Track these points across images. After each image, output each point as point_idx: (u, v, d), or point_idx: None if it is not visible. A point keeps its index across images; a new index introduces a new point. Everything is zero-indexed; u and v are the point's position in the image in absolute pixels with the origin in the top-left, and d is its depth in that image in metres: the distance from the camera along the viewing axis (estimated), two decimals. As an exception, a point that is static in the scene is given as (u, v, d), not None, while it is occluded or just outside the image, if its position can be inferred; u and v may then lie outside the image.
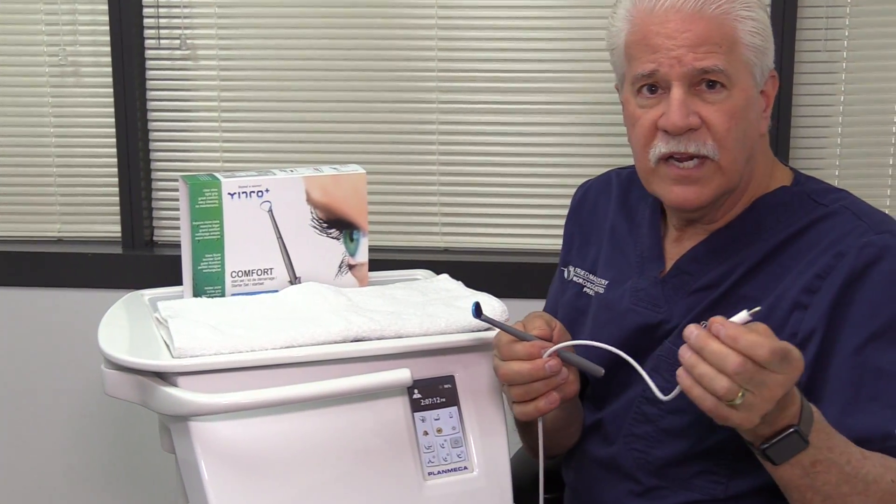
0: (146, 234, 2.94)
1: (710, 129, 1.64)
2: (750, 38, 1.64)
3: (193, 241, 1.79)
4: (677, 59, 1.62)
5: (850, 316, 1.58)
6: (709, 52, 1.62)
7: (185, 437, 1.58)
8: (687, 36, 1.62)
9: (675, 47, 1.62)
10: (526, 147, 2.83)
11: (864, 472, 1.49)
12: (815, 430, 1.46)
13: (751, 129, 1.67)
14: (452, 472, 1.68)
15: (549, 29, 2.79)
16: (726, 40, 1.62)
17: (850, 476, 1.48)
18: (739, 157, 1.66)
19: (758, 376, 1.36)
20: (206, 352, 1.58)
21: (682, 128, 1.63)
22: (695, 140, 1.64)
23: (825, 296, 1.59)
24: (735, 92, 1.64)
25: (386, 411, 1.65)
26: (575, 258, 1.93)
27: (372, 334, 1.66)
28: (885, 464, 1.51)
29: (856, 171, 2.77)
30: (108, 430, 2.96)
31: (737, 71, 1.63)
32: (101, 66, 2.89)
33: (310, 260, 1.86)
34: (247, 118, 2.89)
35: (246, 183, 1.81)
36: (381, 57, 2.84)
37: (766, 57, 1.67)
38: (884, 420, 1.54)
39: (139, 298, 1.87)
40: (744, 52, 1.64)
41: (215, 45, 2.87)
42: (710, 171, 1.66)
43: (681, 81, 1.63)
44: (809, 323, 1.59)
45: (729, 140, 1.64)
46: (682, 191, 1.68)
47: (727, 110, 1.63)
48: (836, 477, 1.48)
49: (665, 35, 1.63)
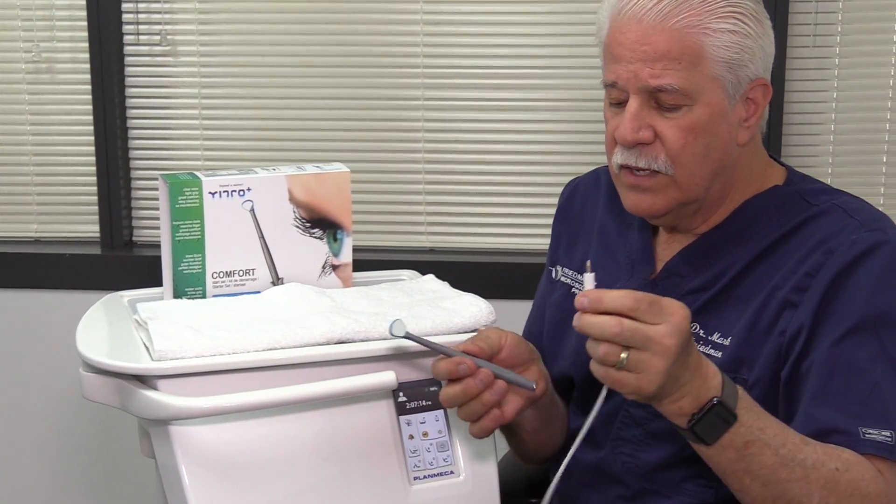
0: (125, 235, 2.94)
1: (664, 143, 1.63)
2: (721, 52, 1.60)
3: (174, 241, 1.79)
4: (633, 74, 1.61)
5: (833, 310, 1.58)
6: (665, 69, 1.60)
7: (166, 442, 1.58)
8: (645, 50, 1.60)
9: (633, 60, 1.61)
10: (513, 144, 2.84)
11: (801, 457, 1.49)
12: (744, 408, 1.47)
13: (717, 143, 1.65)
14: (438, 476, 1.68)
15: (536, 24, 2.79)
16: (687, 55, 1.60)
17: (787, 460, 1.48)
18: (699, 172, 1.65)
19: (637, 333, 1.38)
20: (187, 354, 1.57)
21: (631, 142, 1.63)
22: (645, 155, 1.64)
23: (814, 293, 1.59)
24: (697, 108, 1.62)
25: (371, 415, 1.65)
26: (563, 258, 1.92)
27: (356, 336, 1.66)
28: (828, 451, 1.51)
29: (849, 169, 2.78)
30: (86, 435, 2.96)
31: (699, 86, 1.61)
32: (79, 63, 2.89)
33: (293, 260, 1.86)
34: (228, 115, 2.89)
35: (227, 182, 1.81)
36: (366, 53, 2.84)
37: (743, 69, 1.63)
38: (846, 415, 1.54)
39: (118, 300, 1.86)
40: (711, 67, 1.61)
41: (196, 41, 2.87)
42: (662, 184, 1.66)
43: (637, 95, 1.62)
44: (798, 321, 1.60)
45: (684, 156, 1.63)
46: (636, 198, 1.69)
47: (685, 126, 1.62)
48: (771, 460, 1.48)
49: (626, 46, 1.62)
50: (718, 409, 1.45)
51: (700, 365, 1.45)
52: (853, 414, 1.54)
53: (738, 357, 1.63)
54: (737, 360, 1.63)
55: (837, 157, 2.78)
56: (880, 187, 2.78)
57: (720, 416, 1.46)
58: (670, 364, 1.40)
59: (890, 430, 1.53)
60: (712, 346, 1.65)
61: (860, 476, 1.50)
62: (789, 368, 1.60)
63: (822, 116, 2.77)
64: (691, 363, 1.44)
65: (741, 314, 1.65)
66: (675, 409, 1.46)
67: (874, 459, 1.53)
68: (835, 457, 1.51)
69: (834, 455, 1.51)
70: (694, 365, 1.44)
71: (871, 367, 1.56)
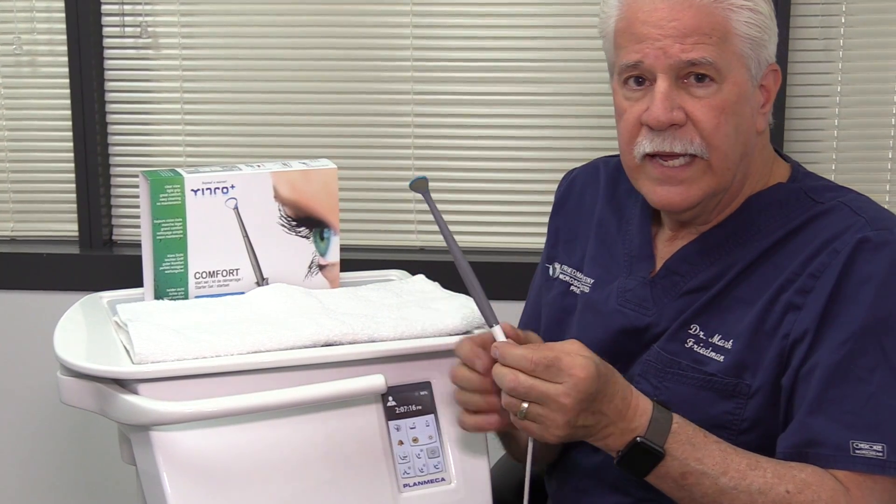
0: (105, 234, 2.94)
1: (697, 125, 1.63)
2: (745, 28, 1.63)
3: (155, 240, 1.79)
4: (663, 50, 1.62)
5: (837, 313, 1.59)
6: (697, 43, 1.61)
7: (147, 448, 1.58)
8: (674, 25, 1.62)
9: (662, 37, 1.62)
10: (507, 140, 2.84)
11: (746, 483, 1.54)
12: (677, 442, 1.55)
13: (744, 126, 1.66)
14: (429, 483, 1.68)
15: (529, 16, 2.80)
16: (717, 30, 1.62)
17: (729, 488, 1.54)
18: (731, 155, 1.66)
19: (533, 390, 1.48)
20: (168, 357, 1.57)
21: (665, 123, 1.63)
22: (680, 138, 1.64)
23: (818, 296, 1.60)
24: (726, 86, 1.63)
25: (359, 420, 1.65)
26: (561, 254, 1.92)
27: (344, 338, 1.66)
28: (780, 473, 1.55)
29: (854, 165, 2.78)
30: (64, 442, 2.96)
31: (728, 64, 1.63)
32: (57, 56, 2.88)
33: (278, 260, 1.86)
34: (211, 110, 2.89)
35: (210, 179, 1.80)
36: (354, 45, 2.84)
37: (763, 50, 1.66)
38: (839, 426, 1.56)
39: (97, 301, 1.86)
40: (737, 44, 1.63)
41: (178, 33, 2.87)
42: (699, 172, 1.65)
43: (666, 74, 1.63)
44: (802, 324, 1.60)
45: (718, 137, 1.64)
46: (667, 192, 1.68)
47: (716, 105, 1.63)
48: (711, 489, 1.55)
49: (652, 24, 1.63)
50: (643, 446, 1.54)
51: (626, 408, 1.54)
52: (847, 425, 1.56)
53: (741, 362, 1.63)
54: (740, 364, 1.63)
55: (841, 153, 2.78)
56: (885, 184, 2.78)
57: (646, 453, 1.54)
58: (568, 419, 1.50)
59: (882, 443, 1.55)
60: (713, 348, 1.65)
61: (815, 497, 1.53)
62: (793, 373, 1.60)
63: (825, 112, 2.77)
64: (609, 411, 1.52)
65: (743, 316, 1.65)
66: (602, 446, 1.57)
67: (855, 475, 1.55)
68: (788, 479, 1.54)
69: (787, 477, 1.55)
70: (615, 411, 1.53)
71: (870, 375, 1.57)
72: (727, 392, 1.63)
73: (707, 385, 1.64)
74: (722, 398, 1.63)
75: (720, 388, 1.64)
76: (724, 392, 1.63)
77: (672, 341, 1.68)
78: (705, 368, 1.65)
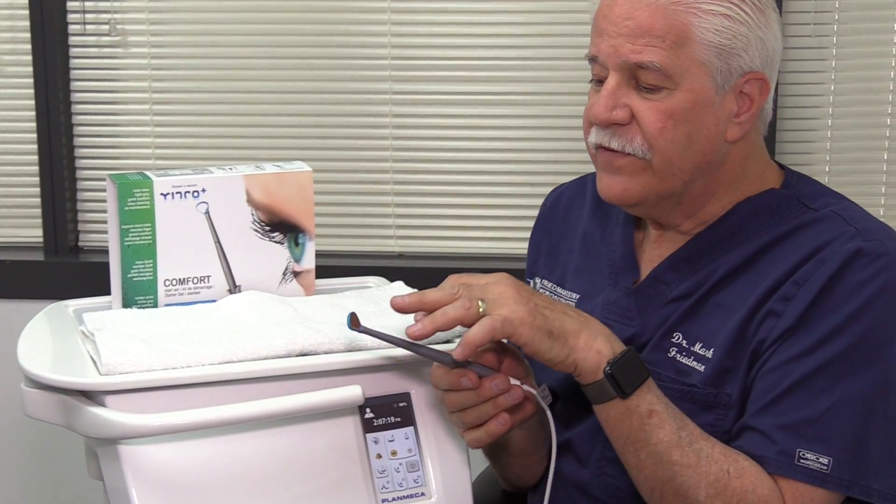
0: (70, 239, 2.93)
1: (641, 126, 1.64)
2: (711, 35, 1.62)
3: (123, 246, 1.79)
4: (615, 48, 1.63)
5: (814, 320, 1.59)
6: (648, 45, 1.61)
7: (114, 462, 1.58)
8: (628, 24, 1.62)
9: (616, 35, 1.63)
10: (488, 141, 2.84)
11: (697, 445, 1.56)
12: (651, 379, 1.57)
13: (702, 134, 1.65)
14: (409, 498, 1.68)
15: (511, 13, 2.80)
16: (672, 34, 1.61)
17: (684, 442, 1.56)
18: (678, 162, 1.66)
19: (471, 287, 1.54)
20: (137, 368, 1.57)
21: (604, 122, 1.65)
22: (619, 136, 1.66)
23: (799, 303, 1.60)
24: (679, 92, 1.63)
25: (335, 432, 1.65)
26: (542, 269, 1.93)
27: (319, 348, 1.66)
28: (726, 452, 1.57)
29: (847, 168, 2.79)
30: (28, 456, 2.95)
31: (683, 70, 1.62)
32: (21, 55, 2.88)
33: (251, 266, 1.86)
34: (181, 111, 2.89)
35: (180, 182, 1.80)
36: (330, 43, 2.84)
37: (735, 58, 1.64)
38: (787, 434, 1.57)
39: (63, 310, 1.86)
40: (697, 51, 1.62)
41: (147, 31, 2.87)
42: (637, 167, 1.66)
43: (617, 72, 1.64)
44: (778, 330, 1.60)
45: (661, 141, 1.64)
46: (609, 181, 1.70)
47: (664, 109, 1.63)
48: (669, 436, 1.55)
49: (610, 20, 1.64)
50: (632, 356, 1.55)
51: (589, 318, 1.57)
52: (798, 434, 1.57)
53: (721, 370, 1.64)
54: (720, 374, 1.64)
55: (835, 155, 2.79)
56: (880, 186, 2.79)
57: (636, 365, 1.56)
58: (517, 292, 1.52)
59: (829, 457, 1.56)
60: (695, 357, 1.66)
61: (751, 488, 1.55)
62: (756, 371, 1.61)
63: (818, 111, 2.79)
64: (557, 306, 1.56)
65: (724, 322, 1.65)
66: (593, 355, 1.54)
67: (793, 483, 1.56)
68: (731, 460, 1.57)
69: (731, 458, 1.57)
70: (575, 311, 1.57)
71: (833, 386, 1.57)
72: (707, 403, 1.64)
73: (687, 397, 1.65)
74: (703, 410, 1.64)
75: (700, 399, 1.64)
76: (705, 404, 1.64)
77: (655, 351, 1.69)
78: (686, 380, 1.65)
